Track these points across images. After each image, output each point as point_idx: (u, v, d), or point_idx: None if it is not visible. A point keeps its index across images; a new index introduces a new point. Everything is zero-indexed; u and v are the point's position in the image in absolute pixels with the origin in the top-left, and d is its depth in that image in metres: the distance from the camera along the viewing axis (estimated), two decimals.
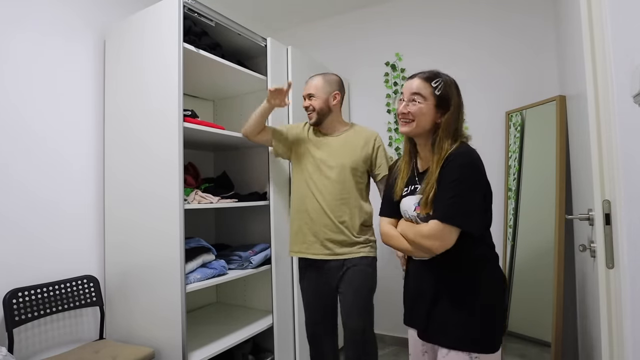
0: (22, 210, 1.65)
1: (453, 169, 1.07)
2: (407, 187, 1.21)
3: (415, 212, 1.16)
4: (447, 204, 1.06)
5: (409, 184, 1.21)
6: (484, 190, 1.11)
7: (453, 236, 1.06)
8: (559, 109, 2.10)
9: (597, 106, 1.03)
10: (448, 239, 1.06)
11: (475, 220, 1.08)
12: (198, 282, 1.74)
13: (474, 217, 1.07)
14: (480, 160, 1.11)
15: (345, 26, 3.03)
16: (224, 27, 1.93)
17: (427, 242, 1.08)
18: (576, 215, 1.49)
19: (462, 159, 1.09)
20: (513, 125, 2.41)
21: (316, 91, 1.75)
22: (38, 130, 1.72)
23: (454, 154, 1.09)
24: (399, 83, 2.79)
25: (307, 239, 1.75)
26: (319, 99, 1.74)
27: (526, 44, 2.38)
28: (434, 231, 1.06)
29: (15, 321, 1.54)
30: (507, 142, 2.42)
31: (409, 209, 1.18)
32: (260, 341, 2.18)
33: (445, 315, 1.12)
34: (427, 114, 1.15)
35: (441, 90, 1.14)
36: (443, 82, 1.15)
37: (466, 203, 1.06)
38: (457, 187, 1.06)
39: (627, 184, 0.91)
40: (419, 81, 1.17)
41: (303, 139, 1.84)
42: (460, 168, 1.07)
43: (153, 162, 1.71)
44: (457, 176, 1.06)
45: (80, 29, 1.89)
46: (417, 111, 1.15)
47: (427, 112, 1.14)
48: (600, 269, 1.04)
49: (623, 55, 0.88)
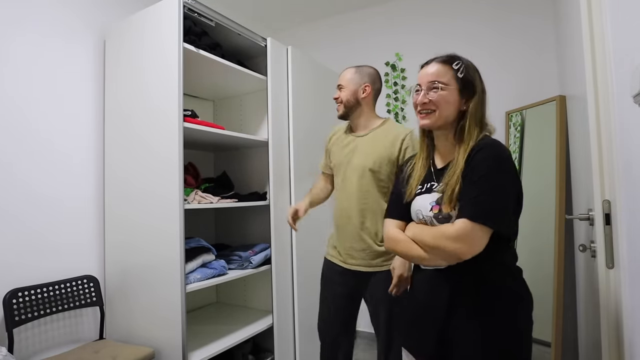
0: (23, 207, 1.65)
1: (482, 162, 0.93)
2: (422, 186, 1.07)
3: (431, 212, 1.00)
4: (478, 201, 0.90)
5: (425, 182, 1.07)
6: (517, 189, 0.97)
7: (484, 238, 0.90)
8: (559, 109, 2.09)
9: (597, 106, 1.03)
10: (478, 241, 0.89)
11: (509, 220, 0.93)
12: (198, 282, 1.74)
13: (508, 217, 0.93)
14: (510, 153, 0.97)
15: (345, 26, 3.03)
16: (224, 27, 1.92)
17: (453, 245, 0.90)
18: (576, 215, 1.49)
19: (492, 151, 0.94)
20: (513, 125, 2.41)
21: (345, 82, 1.63)
22: (40, 129, 1.72)
23: (482, 145, 0.95)
24: (399, 83, 2.79)
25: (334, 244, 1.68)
26: (347, 90, 1.62)
27: (526, 44, 2.38)
28: (462, 232, 0.89)
29: (15, 321, 1.54)
30: (507, 142, 2.42)
31: (423, 209, 1.02)
32: (260, 341, 2.18)
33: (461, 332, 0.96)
34: (451, 101, 1.00)
35: (464, 72, 1.00)
36: (464, 64, 1.02)
37: (499, 200, 0.91)
38: (489, 182, 0.91)
39: (627, 184, 0.91)
40: (437, 65, 1.02)
41: (337, 142, 1.72)
42: (492, 161, 0.93)
43: (153, 162, 1.71)
44: (486, 170, 0.92)
45: (80, 30, 1.89)
46: (439, 99, 1.00)
47: (450, 99, 1.00)
48: (600, 269, 1.04)
49: (623, 55, 0.88)
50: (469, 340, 0.95)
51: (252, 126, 2.34)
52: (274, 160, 2.11)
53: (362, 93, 1.62)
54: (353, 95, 1.62)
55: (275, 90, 2.15)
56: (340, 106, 1.64)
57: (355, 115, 1.65)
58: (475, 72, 1.04)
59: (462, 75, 1.01)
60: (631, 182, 0.88)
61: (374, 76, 1.66)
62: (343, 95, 1.63)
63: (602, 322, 1.04)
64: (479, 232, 0.89)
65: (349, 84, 1.62)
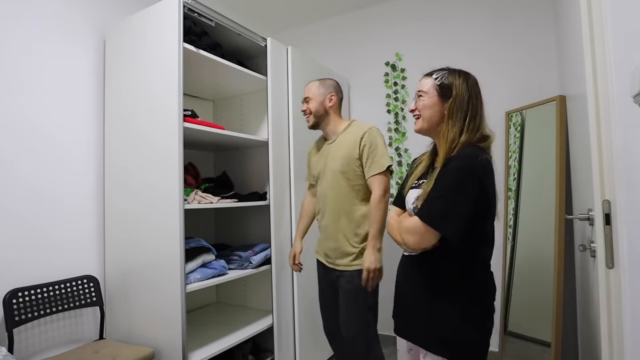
0: (23, 206, 1.65)
1: (447, 171, 1.04)
2: (418, 181, 1.19)
3: (412, 205, 1.14)
4: (430, 204, 1.04)
5: (420, 179, 1.19)
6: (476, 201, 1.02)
7: (431, 237, 1.03)
8: (559, 109, 2.09)
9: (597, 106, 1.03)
10: (426, 238, 1.04)
11: (455, 227, 1.01)
12: (198, 282, 1.74)
13: (454, 224, 1.01)
14: (483, 168, 1.03)
15: (345, 26, 3.03)
16: (224, 27, 1.92)
17: (405, 235, 1.07)
18: (576, 215, 1.49)
19: (462, 162, 1.03)
20: (513, 125, 2.41)
21: (312, 94, 1.77)
22: (41, 125, 1.72)
23: (457, 155, 1.05)
24: (399, 83, 2.79)
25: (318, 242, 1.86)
26: (315, 101, 1.76)
27: (526, 44, 2.38)
28: (411, 226, 1.05)
29: (15, 321, 1.54)
30: (507, 142, 2.42)
31: (409, 201, 1.17)
32: (260, 341, 2.18)
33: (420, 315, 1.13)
34: (431, 106, 1.12)
35: (442, 79, 1.11)
36: (447, 72, 1.12)
37: (450, 207, 1.01)
38: (445, 190, 1.03)
39: (627, 184, 0.91)
40: (423, 78, 1.17)
41: (314, 154, 1.88)
42: (454, 171, 1.03)
43: (153, 162, 1.71)
44: (447, 178, 1.03)
45: (80, 29, 1.89)
46: (420, 105, 1.14)
47: (430, 104, 1.12)
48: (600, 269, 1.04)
49: (623, 55, 0.88)
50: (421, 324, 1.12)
51: (252, 126, 2.34)
52: (274, 160, 2.11)
53: (329, 102, 1.77)
54: (321, 105, 1.76)
55: (275, 90, 2.15)
56: (310, 117, 1.78)
57: (324, 124, 1.79)
58: (460, 76, 1.12)
59: (439, 82, 1.11)
60: (631, 182, 0.88)
61: (337, 87, 1.82)
62: (312, 106, 1.77)
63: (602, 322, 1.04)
64: (426, 231, 1.03)
65: (316, 95, 1.77)
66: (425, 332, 1.11)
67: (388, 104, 2.82)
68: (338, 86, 1.83)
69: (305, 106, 1.80)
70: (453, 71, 1.13)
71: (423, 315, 1.12)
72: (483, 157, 1.04)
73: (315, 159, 1.86)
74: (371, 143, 1.65)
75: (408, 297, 1.19)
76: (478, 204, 1.03)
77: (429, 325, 1.10)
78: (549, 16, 2.31)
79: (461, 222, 1.01)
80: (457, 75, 1.12)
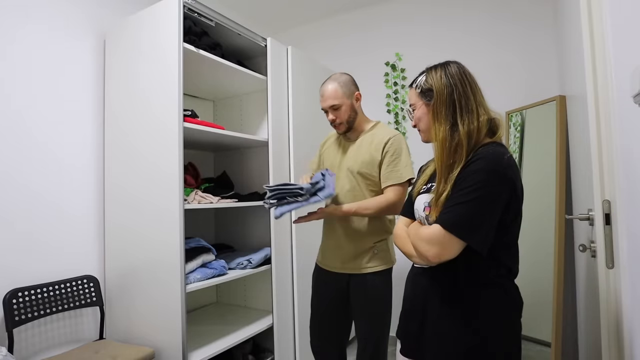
0: (25, 207, 1.65)
1: (472, 173, 0.92)
2: (427, 185, 1.08)
3: (424, 213, 1.02)
4: (452, 209, 0.91)
5: (429, 182, 1.08)
6: (503, 203, 0.93)
7: (455, 247, 0.90)
8: (559, 109, 2.10)
9: (597, 106, 1.03)
10: (448, 249, 0.90)
11: (484, 236, 0.90)
12: (198, 282, 1.74)
13: (482, 233, 0.90)
14: (506, 167, 0.93)
15: (345, 26, 3.04)
16: (224, 27, 1.92)
17: (424, 246, 0.93)
18: (576, 215, 1.49)
19: (484, 164, 0.92)
20: (513, 125, 2.41)
21: (339, 100, 1.56)
22: (41, 130, 1.72)
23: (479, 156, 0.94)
24: (399, 83, 2.79)
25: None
26: (345, 106, 1.57)
27: (526, 44, 2.38)
28: (433, 236, 0.92)
29: (15, 321, 1.54)
30: (507, 142, 2.42)
31: (419, 208, 1.05)
32: (260, 341, 2.18)
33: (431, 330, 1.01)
34: (422, 116, 1.07)
35: (421, 85, 1.04)
36: (425, 75, 1.05)
37: (476, 214, 0.90)
38: (472, 194, 0.90)
39: (627, 184, 0.91)
40: (409, 92, 1.12)
41: (330, 147, 1.74)
42: (480, 174, 0.91)
43: (153, 162, 1.71)
44: (474, 180, 0.91)
45: (80, 29, 1.89)
46: (415, 119, 1.09)
47: (421, 115, 1.07)
48: (600, 269, 1.04)
49: (623, 55, 0.88)
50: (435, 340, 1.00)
51: (252, 126, 2.34)
52: (274, 160, 2.11)
53: (357, 102, 1.62)
54: (351, 109, 1.60)
55: (275, 90, 2.15)
56: (342, 125, 1.60)
57: (354, 125, 1.63)
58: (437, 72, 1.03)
59: (419, 90, 1.05)
60: (631, 182, 0.88)
61: (354, 81, 1.65)
62: (343, 115, 1.58)
63: (602, 322, 1.05)
64: (450, 240, 0.90)
65: (344, 100, 1.57)
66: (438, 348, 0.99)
67: (388, 104, 2.82)
68: (354, 79, 1.66)
69: (332, 116, 1.59)
70: (430, 69, 1.05)
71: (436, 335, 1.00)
72: (508, 155, 0.95)
73: (329, 152, 1.72)
74: (395, 150, 1.53)
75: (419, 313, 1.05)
76: (507, 208, 0.94)
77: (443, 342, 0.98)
78: (549, 16, 2.31)
79: (490, 230, 0.91)
80: (434, 72, 1.03)
